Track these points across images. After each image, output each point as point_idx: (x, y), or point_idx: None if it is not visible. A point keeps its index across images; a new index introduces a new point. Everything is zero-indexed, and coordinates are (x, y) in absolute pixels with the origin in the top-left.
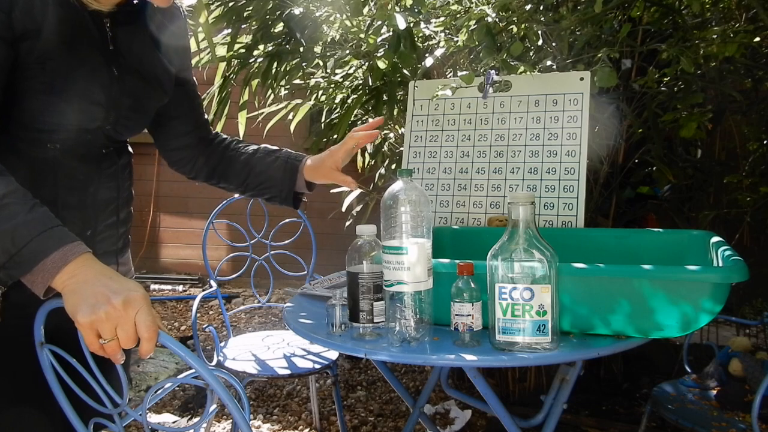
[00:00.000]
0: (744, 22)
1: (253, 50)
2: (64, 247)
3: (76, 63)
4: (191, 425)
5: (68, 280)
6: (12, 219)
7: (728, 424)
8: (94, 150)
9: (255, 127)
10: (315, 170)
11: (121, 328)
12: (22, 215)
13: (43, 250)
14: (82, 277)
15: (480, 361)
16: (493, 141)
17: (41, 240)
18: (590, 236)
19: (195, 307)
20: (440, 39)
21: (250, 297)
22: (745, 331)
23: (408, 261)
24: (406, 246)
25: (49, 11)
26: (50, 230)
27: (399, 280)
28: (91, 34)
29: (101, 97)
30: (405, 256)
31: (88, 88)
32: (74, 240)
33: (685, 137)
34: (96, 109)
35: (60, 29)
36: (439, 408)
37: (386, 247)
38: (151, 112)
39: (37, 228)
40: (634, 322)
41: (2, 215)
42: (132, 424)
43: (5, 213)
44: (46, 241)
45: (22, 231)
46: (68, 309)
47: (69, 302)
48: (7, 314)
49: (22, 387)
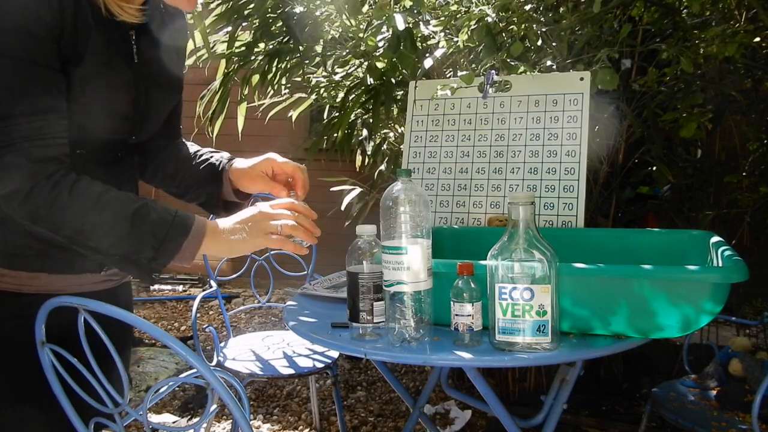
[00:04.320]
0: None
1: (253, 48)
2: (194, 224)
3: (111, 82)
4: (191, 425)
5: (215, 244)
6: (146, 218)
7: (728, 424)
8: (113, 154)
9: (255, 126)
10: (242, 174)
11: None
12: (152, 213)
13: (180, 235)
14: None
15: (480, 361)
16: (493, 141)
17: (175, 227)
18: (590, 236)
19: (195, 307)
20: (440, 39)
21: (250, 297)
22: (745, 331)
23: (408, 261)
24: (405, 246)
25: (91, 35)
26: (176, 216)
27: (399, 280)
28: (122, 50)
29: (131, 112)
30: (404, 256)
31: (120, 105)
32: (195, 216)
33: (685, 137)
34: (125, 122)
35: (99, 51)
36: (439, 408)
37: (386, 247)
38: (163, 118)
39: (167, 219)
40: (634, 322)
41: (138, 218)
42: (132, 424)
43: (140, 215)
44: (178, 228)
45: (159, 227)
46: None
47: (231, 252)
48: (8, 314)
49: (22, 386)
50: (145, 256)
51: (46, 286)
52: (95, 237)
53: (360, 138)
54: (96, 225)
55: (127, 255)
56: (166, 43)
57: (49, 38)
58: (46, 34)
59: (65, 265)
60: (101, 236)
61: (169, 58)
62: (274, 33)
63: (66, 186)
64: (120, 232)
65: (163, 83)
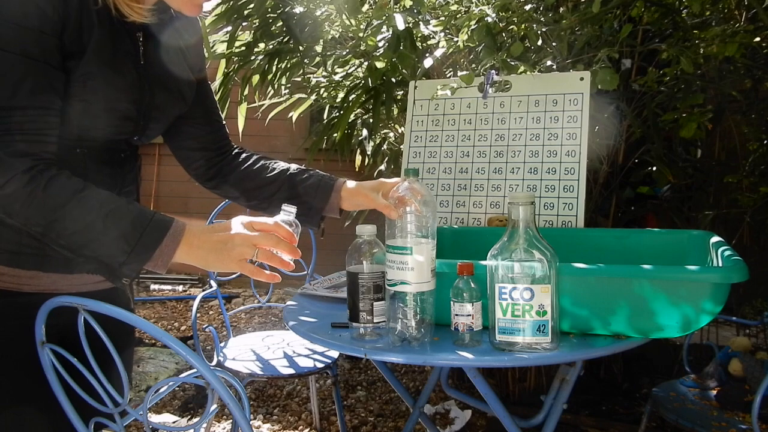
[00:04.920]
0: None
1: (253, 48)
2: (169, 230)
3: (114, 81)
4: (191, 425)
5: (188, 255)
6: (121, 220)
7: (728, 424)
8: (116, 154)
9: (255, 126)
10: (353, 192)
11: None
12: (128, 215)
13: (154, 241)
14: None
15: (480, 361)
16: (493, 141)
17: (150, 232)
18: (590, 236)
19: (195, 307)
20: (440, 39)
21: (250, 297)
22: (745, 331)
23: (412, 261)
24: (411, 246)
25: (94, 32)
26: (152, 221)
27: (402, 280)
28: (128, 50)
29: (133, 113)
30: (409, 257)
31: (122, 104)
32: (173, 221)
33: (685, 137)
34: (127, 122)
35: (102, 48)
36: (439, 408)
37: (390, 247)
38: (171, 120)
39: (143, 223)
40: (634, 322)
41: (109, 221)
42: (132, 424)
43: (114, 216)
44: (153, 232)
45: (131, 231)
46: (207, 268)
47: (205, 266)
48: (9, 313)
49: (23, 386)
50: (117, 260)
51: (45, 286)
52: (66, 235)
53: (360, 138)
54: (68, 224)
55: (98, 257)
56: (176, 46)
57: (49, 33)
58: (46, 29)
59: (62, 264)
60: (72, 235)
61: (179, 61)
62: (274, 33)
63: (41, 182)
64: (91, 233)
65: (171, 86)
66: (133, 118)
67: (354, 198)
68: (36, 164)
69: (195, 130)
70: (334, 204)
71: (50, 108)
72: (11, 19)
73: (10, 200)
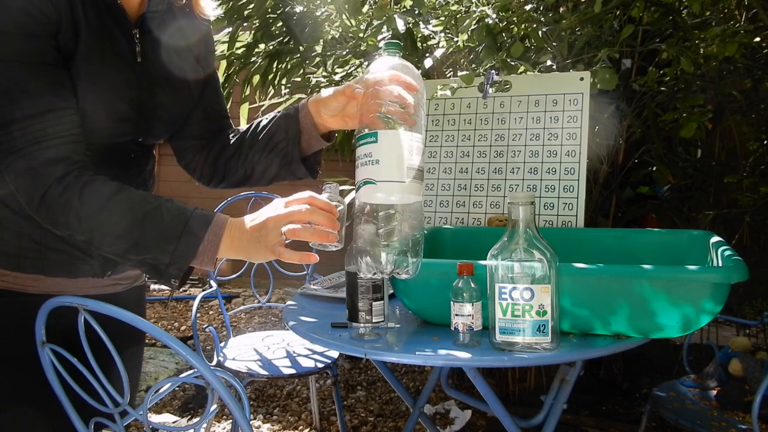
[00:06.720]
0: (744, 22)
1: (253, 49)
2: (210, 225)
3: (107, 82)
4: (191, 425)
5: (231, 248)
6: (159, 221)
7: (728, 424)
8: (124, 155)
9: None
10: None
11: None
12: (166, 215)
13: (196, 238)
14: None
15: (480, 361)
16: (493, 141)
17: (190, 229)
18: (590, 236)
19: (195, 307)
20: (440, 39)
21: (250, 297)
22: (745, 331)
23: (378, 152)
24: (377, 131)
25: (82, 35)
26: (191, 217)
27: (366, 179)
28: (123, 50)
29: (131, 113)
30: (374, 145)
31: (118, 105)
32: (213, 215)
33: (685, 137)
34: (126, 123)
35: (91, 51)
36: (439, 408)
37: (357, 139)
38: (179, 119)
39: (182, 220)
40: (634, 322)
41: (147, 222)
42: (132, 424)
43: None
44: (193, 229)
45: (171, 230)
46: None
47: (249, 258)
48: (12, 313)
49: (24, 386)
50: (162, 262)
51: (49, 288)
52: (108, 242)
53: None
54: (107, 230)
55: (144, 260)
56: (177, 44)
57: (45, 35)
58: (41, 31)
59: (63, 269)
60: (114, 241)
61: (181, 59)
62: (274, 33)
63: (76, 189)
64: (132, 237)
65: (175, 84)
66: (132, 118)
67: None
68: (70, 170)
69: (196, 130)
70: (307, 124)
71: (68, 108)
72: (7, 28)
73: (52, 213)
